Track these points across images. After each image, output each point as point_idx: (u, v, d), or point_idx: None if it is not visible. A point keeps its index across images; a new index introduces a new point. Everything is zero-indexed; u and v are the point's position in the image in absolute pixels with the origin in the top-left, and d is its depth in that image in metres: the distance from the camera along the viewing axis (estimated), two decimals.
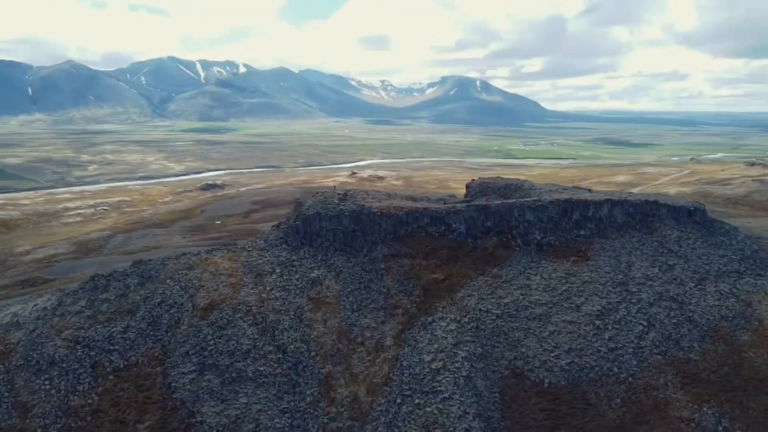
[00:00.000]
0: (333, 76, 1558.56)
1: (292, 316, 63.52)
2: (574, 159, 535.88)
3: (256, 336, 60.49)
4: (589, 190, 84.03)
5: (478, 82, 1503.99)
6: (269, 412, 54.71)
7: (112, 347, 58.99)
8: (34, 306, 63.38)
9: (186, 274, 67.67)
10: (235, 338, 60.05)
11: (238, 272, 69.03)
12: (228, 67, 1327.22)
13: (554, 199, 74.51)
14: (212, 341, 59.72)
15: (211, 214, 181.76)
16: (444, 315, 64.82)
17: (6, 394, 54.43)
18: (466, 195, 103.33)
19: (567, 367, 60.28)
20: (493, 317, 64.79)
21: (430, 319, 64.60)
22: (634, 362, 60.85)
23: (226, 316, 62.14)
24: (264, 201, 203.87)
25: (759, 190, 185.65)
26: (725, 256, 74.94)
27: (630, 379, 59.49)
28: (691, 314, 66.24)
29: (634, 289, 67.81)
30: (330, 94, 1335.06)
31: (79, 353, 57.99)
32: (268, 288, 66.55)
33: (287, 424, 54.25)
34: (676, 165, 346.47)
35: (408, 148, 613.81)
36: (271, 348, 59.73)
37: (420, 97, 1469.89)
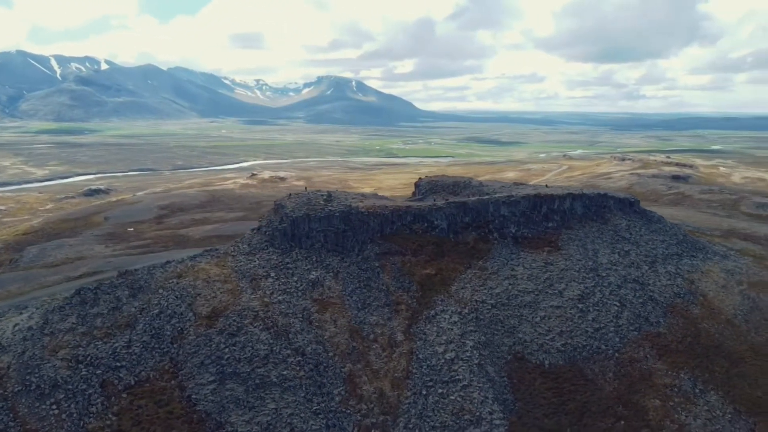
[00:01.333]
0: (204, 74, 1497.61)
1: (300, 319, 63.07)
2: (453, 157, 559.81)
3: (270, 341, 59.42)
4: (546, 186, 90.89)
5: (353, 83, 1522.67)
6: (302, 415, 54.27)
7: (118, 363, 55.21)
8: (15, 326, 57.32)
9: (177, 283, 64.59)
10: (250, 344, 58.58)
11: (232, 278, 67.04)
12: (88, 63, 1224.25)
13: (525, 194, 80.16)
14: (226, 349, 57.82)
15: (117, 221, 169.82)
16: (445, 308, 67.69)
17: (11, 424, 49.15)
18: (414, 193, 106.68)
19: (562, 348, 65.68)
20: (489, 307, 68.76)
21: (432, 312, 67.17)
22: (617, 339, 67.66)
23: (235, 323, 60.35)
24: (170, 206, 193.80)
25: (638, 182, 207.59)
26: (665, 241, 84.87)
27: (616, 354, 66.13)
28: (651, 293, 74.63)
29: (604, 274, 75.04)
30: (202, 93, 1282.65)
31: (83, 372, 53.66)
32: (268, 292, 65.37)
33: (323, 425, 54.21)
34: (554, 161, 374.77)
35: (291, 148, 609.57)
36: (289, 351, 59.03)
37: (296, 97, 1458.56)
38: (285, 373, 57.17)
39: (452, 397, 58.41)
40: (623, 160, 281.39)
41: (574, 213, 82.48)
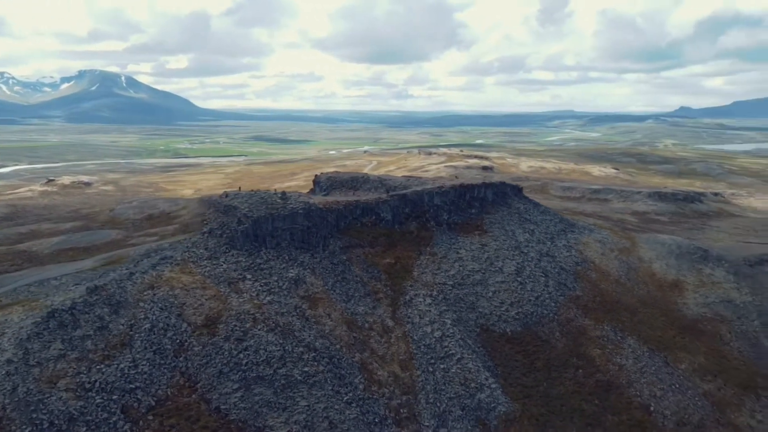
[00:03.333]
0: None
1: (297, 316, 62.59)
2: (247, 156, 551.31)
3: (280, 341, 58.31)
4: (456, 177, 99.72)
5: (122, 78, 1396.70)
6: (336, 407, 54.86)
7: (131, 385, 49.93)
8: None
9: (154, 294, 59.40)
10: (262, 347, 56.93)
11: (208, 284, 63.45)
12: None
13: (453, 185, 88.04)
14: (240, 355, 55.53)
15: None
16: (416, 292, 72.44)
17: None
18: (313, 189, 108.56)
19: (517, 317, 74.97)
20: (450, 287, 75.25)
21: (407, 297, 71.45)
22: (552, 304, 79.09)
23: (238, 328, 57.94)
24: None
25: (457, 173, 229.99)
26: (552, 220, 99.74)
27: (556, 317, 77.40)
28: (560, 264, 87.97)
29: (525, 251, 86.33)
30: None
31: (98, 400, 47.57)
32: (253, 294, 63.41)
33: (359, 412, 55.49)
34: (360, 156, 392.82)
35: (60, 150, 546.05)
36: (301, 349, 58.57)
37: (53, 93, 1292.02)
38: (306, 369, 56.93)
39: (454, 371, 63.77)
40: (430, 154, 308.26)
41: (487, 200, 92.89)
